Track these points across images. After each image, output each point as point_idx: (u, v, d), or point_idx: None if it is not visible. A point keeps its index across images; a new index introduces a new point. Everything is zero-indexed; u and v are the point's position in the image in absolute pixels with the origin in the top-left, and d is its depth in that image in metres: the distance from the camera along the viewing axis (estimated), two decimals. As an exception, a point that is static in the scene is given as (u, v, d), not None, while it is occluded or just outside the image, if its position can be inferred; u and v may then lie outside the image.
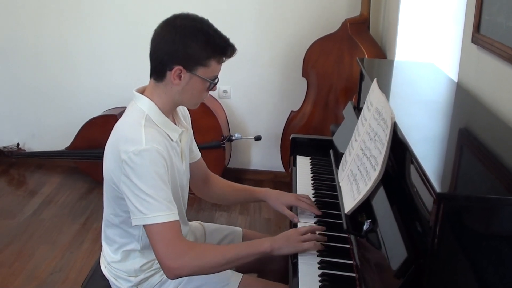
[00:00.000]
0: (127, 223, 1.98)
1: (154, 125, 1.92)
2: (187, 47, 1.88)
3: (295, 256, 1.95)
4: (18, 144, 4.85)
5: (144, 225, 1.85)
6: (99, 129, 4.39)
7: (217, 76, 1.97)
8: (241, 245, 2.04)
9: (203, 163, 2.36)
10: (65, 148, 4.61)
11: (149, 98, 1.96)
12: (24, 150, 4.89)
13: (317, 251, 1.96)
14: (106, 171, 1.96)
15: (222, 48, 1.92)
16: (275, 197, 2.33)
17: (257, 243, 1.97)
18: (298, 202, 2.29)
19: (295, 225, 2.20)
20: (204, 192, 2.41)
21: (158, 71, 1.94)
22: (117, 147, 1.87)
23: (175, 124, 2.05)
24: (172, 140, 1.98)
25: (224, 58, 1.95)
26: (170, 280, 2.06)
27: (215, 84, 1.97)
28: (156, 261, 2.04)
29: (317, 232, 2.06)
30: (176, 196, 1.99)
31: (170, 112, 2.01)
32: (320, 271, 1.85)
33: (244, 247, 1.98)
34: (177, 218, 1.86)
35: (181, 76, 1.90)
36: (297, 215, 2.25)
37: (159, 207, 1.82)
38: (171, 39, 1.89)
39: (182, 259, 1.83)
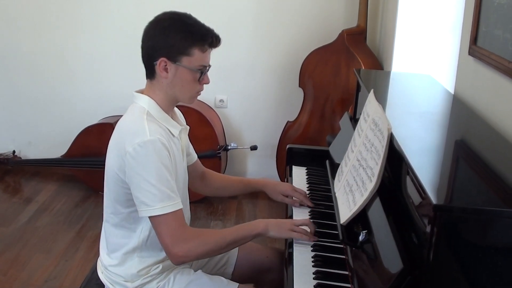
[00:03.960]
0: (128, 219, 2.03)
1: (156, 121, 1.97)
2: (167, 38, 1.94)
3: (290, 264, 1.95)
4: (14, 152, 4.84)
5: (149, 216, 1.91)
6: (95, 137, 4.38)
7: (205, 65, 2.00)
8: (239, 227, 2.08)
9: (199, 162, 2.42)
10: (61, 156, 4.60)
11: (148, 96, 2.01)
12: (20, 158, 4.88)
13: (312, 261, 1.96)
14: (110, 168, 1.99)
15: (202, 35, 1.96)
16: (273, 187, 2.45)
17: (254, 224, 2.06)
18: (294, 192, 2.41)
19: (290, 217, 2.31)
20: (202, 188, 2.46)
21: (148, 68, 2.02)
22: (121, 141, 1.91)
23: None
24: (173, 135, 2.02)
25: (206, 46, 1.98)
26: (166, 287, 2.07)
27: (204, 73, 2.00)
28: (154, 268, 2.07)
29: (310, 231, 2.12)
30: (179, 191, 2.02)
31: (169, 109, 2.06)
32: (315, 282, 1.84)
33: (243, 229, 2.05)
34: (180, 206, 1.92)
35: (167, 68, 1.96)
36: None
37: (163, 198, 1.87)
38: (152, 33, 1.98)
39: (188, 247, 1.90)
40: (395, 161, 1.77)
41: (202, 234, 1.99)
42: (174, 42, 1.93)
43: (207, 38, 1.96)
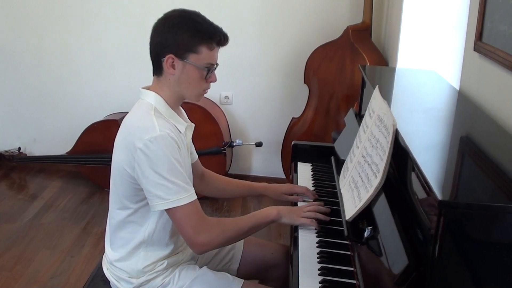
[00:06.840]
0: (136, 214, 2.04)
1: (162, 117, 1.97)
2: (176, 35, 1.94)
3: (295, 261, 1.95)
4: (19, 148, 4.86)
5: (166, 210, 1.92)
6: (100, 134, 4.40)
7: (213, 63, 2.00)
8: (254, 214, 2.12)
9: (199, 163, 2.42)
10: (66, 153, 4.62)
11: (155, 92, 2.01)
12: (25, 154, 4.90)
13: (317, 258, 1.96)
14: (118, 164, 1.99)
15: (210, 33, 1.96)
16: (274, 189, 2.47)
17: (266, 211, 2.12)
18: (295, 188, 2.45)
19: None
20: (201, 188, 2.44)
21: (155, 64, 2.01)
22: (130, 137, 1.91)
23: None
24: (180, 132, 2.02)
25: (214, 45, 1.98)
26: (171, 283, 2.08)
27: (211, 71, 2.00)
28: (159, 264, 2.07)
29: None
30: None
31: (175, 106, 2.06)
32: (320, 278, 1.85)
33: (258, 216, 2.10)
34: (195, 197, 1.94)
35: (174, 65, 1.96)
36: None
37: (178, 190, 1.89)
38: (161, 30, 1.97)
39: (210, 235, 1.94)
40: (400, 157, 1.77)
41: (221, 223, 2.02)
42: (182, 39, 1.93)
43: (215, 37, 1.96)
